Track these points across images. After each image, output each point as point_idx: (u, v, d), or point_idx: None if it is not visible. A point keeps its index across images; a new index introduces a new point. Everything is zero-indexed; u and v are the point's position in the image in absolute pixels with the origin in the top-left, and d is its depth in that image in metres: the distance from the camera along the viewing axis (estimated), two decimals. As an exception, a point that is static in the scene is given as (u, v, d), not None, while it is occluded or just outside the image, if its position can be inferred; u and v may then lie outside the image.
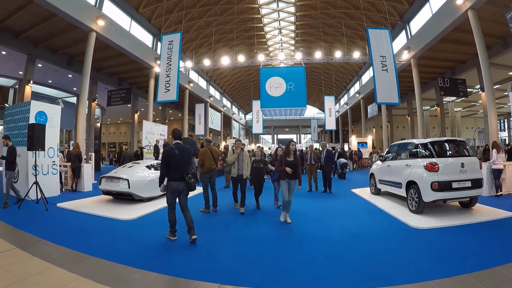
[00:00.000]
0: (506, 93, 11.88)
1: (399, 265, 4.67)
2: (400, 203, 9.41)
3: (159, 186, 6.17)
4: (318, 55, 24.79)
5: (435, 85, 24.65)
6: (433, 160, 7.79)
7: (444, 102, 29.21)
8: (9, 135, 10.01)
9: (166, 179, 6.02)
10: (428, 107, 32.37)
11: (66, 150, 15.33)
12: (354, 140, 33.40)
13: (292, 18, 30.70)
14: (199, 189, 12.39)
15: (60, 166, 12.00)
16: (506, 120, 43.58)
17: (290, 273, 4.45)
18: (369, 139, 34.06)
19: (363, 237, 6.18)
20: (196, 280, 4.17)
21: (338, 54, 24.56)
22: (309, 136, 63.00)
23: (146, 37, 24.85)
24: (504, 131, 43.32)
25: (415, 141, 9.19)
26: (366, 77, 36.51)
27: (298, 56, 25.32)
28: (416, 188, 7.93)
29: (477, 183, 7.76)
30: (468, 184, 7.64)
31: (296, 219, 7.64)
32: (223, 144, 33.71)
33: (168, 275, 4.34)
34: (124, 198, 9.88)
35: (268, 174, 11.94)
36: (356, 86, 40.69)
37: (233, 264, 4.82)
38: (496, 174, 10.84)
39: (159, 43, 23.96)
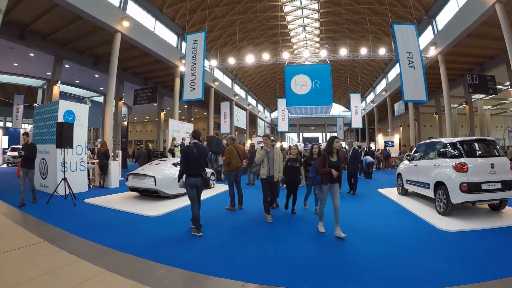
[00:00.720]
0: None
1: (424, 268, 4.52)
2: (428, 204, 9.11)
3: (178, 182, 6.60)
4: (343, 52, 24.49)
5: (463, 82, 23.90)
6: (462, 160, 7.49)
7: (472, 100, 28.31)
8: (28, 133, 10.12)
9: (184, 175, 6.47)
10: (456, 105, 31.56)
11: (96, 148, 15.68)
12: (380, 139, 32.93)
13: (316, 15, 30.42)
14: (223, 187, 12.57)
15: (87, 163, 12.24)
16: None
17: (314, 273, 4.40)
18: (396, 138, 33.45)
19: (388, 238, 6.03)
20: (220, 277, 4.16)
21: (363, 50, 24.23)
22: (335, 134, 62.28)
23: (170, 37, 25.16)
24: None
25: (444, 140, 8.85)
26: (392, 74, 35.88)
27: (323, 53, 25.18)
28: (444, 189, 7.63)
29: (507, 185, 7.39)
30: (498, 185, 7.30)
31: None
32: (248, 142, 33.77)
33: (192, 271, 4.34)
34: (150, 194, 9.99)
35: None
36: (383, 84, 40.05)
37: (257, 262, 4.78)
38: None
39: (183, 43, 24.18)
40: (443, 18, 21.54)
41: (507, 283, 3.95)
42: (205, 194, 8.54)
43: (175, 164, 10.84)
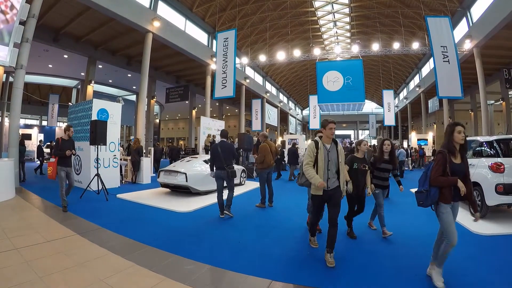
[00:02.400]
0: None
1: (459, 273, 4.37)
2: (462, 205, 8.82)
3: (211, 171, 7.87)
4: (375, 47, 24.07)
5: (500, 77, 22.81)
6: (499, 160, 7.13)
7: (510, 96, 27.10)
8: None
9: (214, 167, 7.72)
10: (492, 102, 30.23)
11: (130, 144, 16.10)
12: (414, 137, 32.19)
13: (347, 10, 29.93)
14: (254, 184, 12.60)
15: (120, 159, 12.52)
16: None
17: (344, 273, 4.34)
18: (430, 136, 32.60)
19: (422, 241, 5.78)
20: (248, 275, 4.16)
21: (396, 45, 23.69)
22: (367, 132, 61.53)
23: (201, 36, 25.36)
24: None
25: (479, 138, 8.44)
26: (426, 69, 34.81)
27: (355, 48, 24.75)
28: (479, 190, 7.32)
29: None
30: None
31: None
32: (279, 139, 33.70)
33: (220, 267, 4.37)
34: (181, 191, 10.15)
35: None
36: (416, 79, 38.93)
37: (286, 260, 4.76)
38: None
39: (214, 41, 24.28)
40: (478, 9, 20.52)
41: None
42: (236, 191, 8.60)
43: (206, 161, 10.94)
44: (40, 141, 19.42)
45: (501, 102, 26.59)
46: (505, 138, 7.87)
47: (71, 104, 19.59)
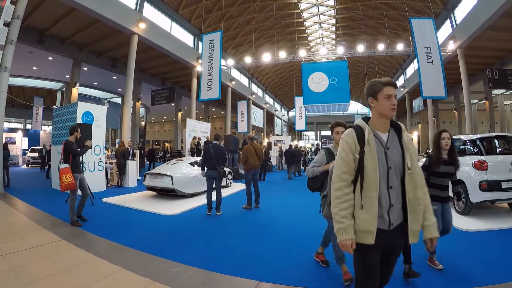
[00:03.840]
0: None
1: (445, 269, 4.42)
2: None
3: (202, 171, 8.35)
4: (360, 48, 24.37)
5: (483, 77, 23.26)
6: (482, 158, 7.30)
7: (493, 95, 27.53)
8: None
9: (206, 168, 8.17)
10: (476, 101, 30.84)
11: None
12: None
13: (332, 12, 30.20)
14: (240, 186, 12.64)
15: (106, 163, 12.44)
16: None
17: (331, 273, 4.38)
18: (415, 135, 33.13)
19: None
20: (235, 276, 4.18)
21: (381, 46, 24.01)
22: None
23: (187, 37, 25.33)
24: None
25: (463, 137, 8.60)
26: (410, 70, 35.37)
27: (340, 50, 24.99)
28: (463, 188, 7.45)
29: None
30: None
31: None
32: (265, 141, 33.78)
33: (207, 270, 4.37)
34: (168, 194, 10.12)
35: None
36: (401, 80, 39.47)
37: (273, 261, 4.78)
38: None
39: (200, 43, 24.26)
40: (462, 10, 21.01)
41: None
42: (223, 193, 8.60)
43: (192, 164, 10.96)
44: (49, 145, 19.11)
45: (485, 101, 27.28)
46: (488, 136, 8.13)
47: (55, 107, 19.40)
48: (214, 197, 8.18)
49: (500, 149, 7.91)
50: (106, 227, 6.55)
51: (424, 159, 5.00)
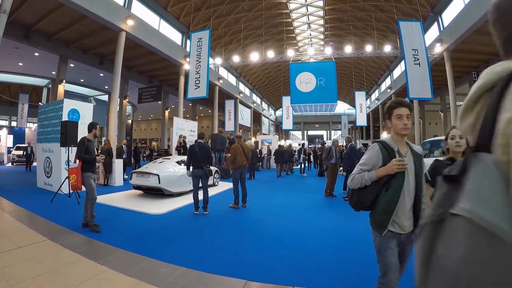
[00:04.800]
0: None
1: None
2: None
3: (187, 170, 8.42)
4: (348, 49, 24.47)
5: (469, 80, 23.83)
6: None
7: (479, 98, 28.17)
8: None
9: (191, 167, 8.24)
10: (461, 103, 31.37)
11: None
12: (385, 137, 32.84)
13: (321, 12, 30.31)
14: (227, 185, 12.66)
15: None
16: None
17: (317, 272, 4.39)
18: (402, 136, 33.48)
19: None
20: (223, 276, 4.17)
21: (368, 48, 24.20)
22: (339, 132, 62.40)
23: (175, 35, 25.16)
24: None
25: None
26: (397, 71, 35.69)
27: (328, 50, 25.05)
28: None
29: None
30: None
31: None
32: (252, 140, 33.76)
33: (195, 269, 4.35)
34: (154, 193, 10.06)
35: None
36: (388, 81, 39.84)
37: (261, 260, 4.79)
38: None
39: (188, 41, 24.08)
40: (449, 14, 21.29)
41: None
42: (210, 192, 8.61)
43: (179, 162, 10.91)
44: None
45: (471, 104, 27.54)
46: None
47: (41, 104, 19.12)
48: (201, 196, 8.17)
49: None
50: (93, 227, 6.45)
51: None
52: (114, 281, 3.92)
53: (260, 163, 23.61)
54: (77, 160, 6.48)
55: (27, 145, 20.65)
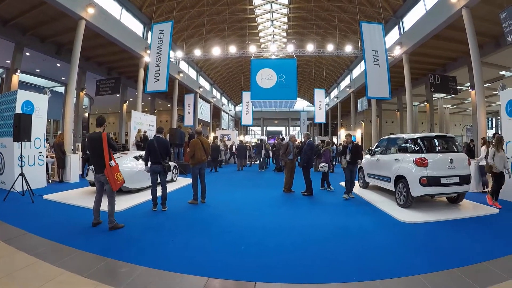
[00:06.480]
0: (495, 92, 12.04)
1: (387, 259, 4.73)
2: (388, 197, 9.58)
3: (145, 166, 8.26)
4: (310, 47, 24.82)
5: (426, 82, 24.75)
6: (423, 155, 7.88)
7: (433, 99, 29.39)
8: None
9: (149, 162, 8.08)
10: (417, 103, 32.68)
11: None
12: (343, 134, 33.62)
13: (285, 10, 30.62)
14: (186, 181, 12.60)
15: (46, 157, 11.84)
16: (493, 119, 44.36)
17: (278, 267, 4.45)
18: (358, 133, 34.65)
19: (351, 231, 6.30)
20: (185, 274, 4.16)
21: (330, 47, 24.58)
22: (298, 128, 63.27)
23: (136, 26, 24.52)
24: (492, 129, 43.98)
25: (405, 136, 9.27)
26: (357, 71, 36.69)
27: (290, 48, 25.28)
28: (405, 183, 8.03)
29: (465, 179, 7.92)
30: (457, 180, 7.77)
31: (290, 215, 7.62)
32: (212, 135, 33.60)
33: (155, 268, 4.31)
34: (111, 189, 9.83)
35: None
36: (347, 80, 40.94)
37: (221, 257, 4.81)
38: (483, 171, 11.00)
39: (149, 32, 23.57)
40: (410, 19, 22.21)
41: (465, 271, 4.21)
42: (168, 188, 8.57)
43: (137, 158, 10.74)
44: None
45: (426, 104, 28.99)
46: (429, 136, 8.80)
47: (-7, 95, 18.18)
48: (159, 192, 8.11)
49: (439, 148, 8.55)
50: (48, 227, 6.24)
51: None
52: (72, 284, 3.83)
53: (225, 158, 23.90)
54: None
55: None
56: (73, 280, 3.90)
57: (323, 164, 11.75)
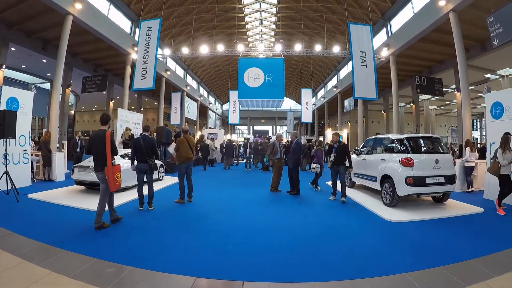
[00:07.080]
0: (481, 94, 12.24)
1: (374, 258, 4.78)
2: (374, 196, 9.69)
3: (131, 165, 8.14)
4: (297, 47, 24.96)
5: (412, 83, 25.04)
6: (409, 155, 7.99)
7: (419, 100, 29.91)
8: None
9: (136, 161, 8.00)
10: (403, 104, 33.14)
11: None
12: (329, 133, 33.79)
13: (274, 10, 30.65)
14: (173, 180, 12.56)
15: (31, 155, 11.68)
16: (478, 120, 45.09)
17: (265, 267, 4.46)
18: (345, 132, 34.96)
19: (338, 230, 6.37)
20: (172, 274, 4.14)
21: (318, 47, 24.76)
22: (285, 128, 63.49)
23: (124, 23, 24.25)
24: (477, 130, 44.75)
25: (391, 136, 9.38)
26: (344, 71, 36.93)
27: (278, 48, 25.35)
28: (391, 182, 8.14)
29: (450, 179, 8.05)
30: (442, 180, 7.91)
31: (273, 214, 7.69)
32: (198, 134, 33.49)
33: (142, 268, 4.28)
34: (97, 188, 9.69)
35: None
36: (334, 80, 41.21)
37: (209, 256, 4.80)
38: (468, 171, 11.21)
39: (137, 29, 23.37)
40: (398, 21, 22.50)
41: (451, 269, 4.28)
42: (154, 187, 8.48)
43: (123, 156, 10.64)
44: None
45: (412, 105, 29.39)
46: (415, 136, 8.94)
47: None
48: (145, 191, 8.07)
49: (425, 148, 8.67)
50: (33, 226, 6.14)
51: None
52: (59, 285, 3.77)
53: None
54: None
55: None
56: (60, 281, 3.85)
57: (315, 165, 11.84)
